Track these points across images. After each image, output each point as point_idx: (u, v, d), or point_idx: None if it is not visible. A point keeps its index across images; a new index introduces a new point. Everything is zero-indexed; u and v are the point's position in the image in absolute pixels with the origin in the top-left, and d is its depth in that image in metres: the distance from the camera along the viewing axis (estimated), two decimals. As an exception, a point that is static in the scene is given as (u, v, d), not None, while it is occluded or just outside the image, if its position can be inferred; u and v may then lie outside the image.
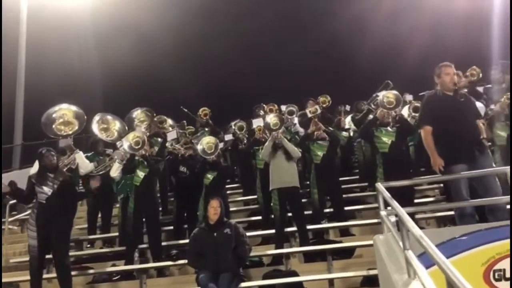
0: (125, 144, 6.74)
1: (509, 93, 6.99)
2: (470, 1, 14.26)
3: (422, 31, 15.22)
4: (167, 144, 8.06)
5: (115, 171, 7.05)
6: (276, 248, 6.57)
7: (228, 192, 8.38)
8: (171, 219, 7.89)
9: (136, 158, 6.86)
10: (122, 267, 6.81)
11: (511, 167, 4.71)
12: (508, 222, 4.66)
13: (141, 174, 6.83)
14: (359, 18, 15.76)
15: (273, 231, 6.86)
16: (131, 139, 6.73)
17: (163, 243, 7.19)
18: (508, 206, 4.89)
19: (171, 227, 7.75)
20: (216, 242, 5.52)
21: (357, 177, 8.96)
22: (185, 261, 6.06)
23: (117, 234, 7.70)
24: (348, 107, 10.15)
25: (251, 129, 8.48)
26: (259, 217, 7.71)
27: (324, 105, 9.12)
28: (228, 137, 9.25)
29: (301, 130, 8.54)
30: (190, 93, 16.17)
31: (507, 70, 7.80)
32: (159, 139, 8.13)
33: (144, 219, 6.86)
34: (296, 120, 9.01)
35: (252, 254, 6.11)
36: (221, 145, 9.00)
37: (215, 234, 5.59)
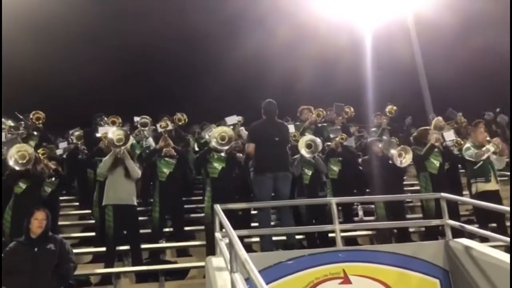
0: None
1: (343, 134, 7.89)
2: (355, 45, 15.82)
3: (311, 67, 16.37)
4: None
5: None
6: (106, 267, 6.18)
7: (61, 204, 7.73)
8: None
9: None
10: None
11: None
12: (329, 249, 5.13)
13: None
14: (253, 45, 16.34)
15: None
16: None
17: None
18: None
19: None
20: (36, 259, 4.94)
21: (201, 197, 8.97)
22: (-4, 279, 5.32)
23: None
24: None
25: (94, 137, 7.95)
26: (93, 233, 7.21)
27: (180, 123, 9.09)
28: (63, 145, 8.61)
29: (154, 145, 8.31)
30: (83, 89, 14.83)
31: (340, 112, 8.81)
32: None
33: None
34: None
35: (79, 272, 5.65)
36: (59, 151, 8.36)
37: (35, 249, 5.00)
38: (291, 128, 8.09)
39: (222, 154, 6.87)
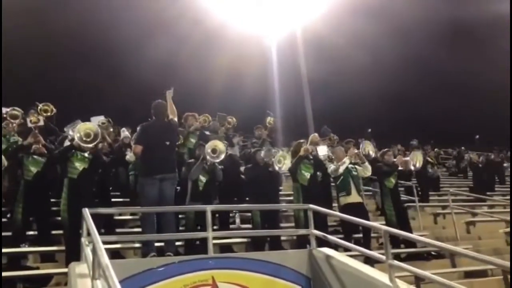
0: None
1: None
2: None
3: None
4: None
5: None
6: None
7: None
8: None
9: None
10: None
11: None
12: (199, 256, 5.16)
13: None
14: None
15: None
16: None
17: None
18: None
19: None
20: None
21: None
22: None
23: None
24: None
25: None
26: None
27: (47, 114, 8.51)
28: None
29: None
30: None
31: (222, 122, 9.01)
32: None
33: None
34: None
35: None
36: None
37: None
38: None
39: (86, 154, 6.47)
